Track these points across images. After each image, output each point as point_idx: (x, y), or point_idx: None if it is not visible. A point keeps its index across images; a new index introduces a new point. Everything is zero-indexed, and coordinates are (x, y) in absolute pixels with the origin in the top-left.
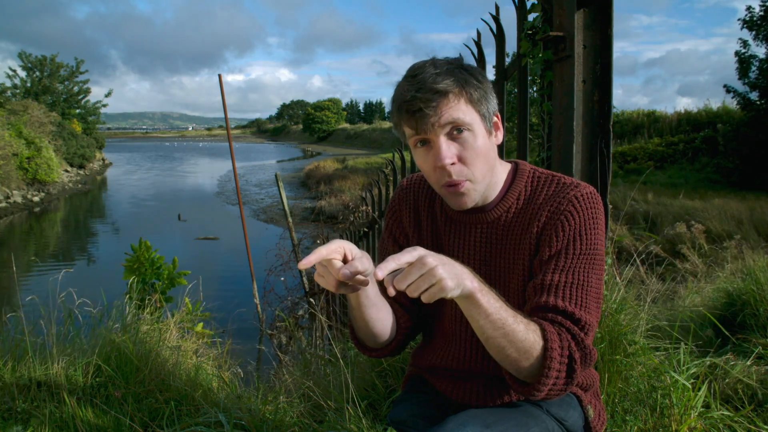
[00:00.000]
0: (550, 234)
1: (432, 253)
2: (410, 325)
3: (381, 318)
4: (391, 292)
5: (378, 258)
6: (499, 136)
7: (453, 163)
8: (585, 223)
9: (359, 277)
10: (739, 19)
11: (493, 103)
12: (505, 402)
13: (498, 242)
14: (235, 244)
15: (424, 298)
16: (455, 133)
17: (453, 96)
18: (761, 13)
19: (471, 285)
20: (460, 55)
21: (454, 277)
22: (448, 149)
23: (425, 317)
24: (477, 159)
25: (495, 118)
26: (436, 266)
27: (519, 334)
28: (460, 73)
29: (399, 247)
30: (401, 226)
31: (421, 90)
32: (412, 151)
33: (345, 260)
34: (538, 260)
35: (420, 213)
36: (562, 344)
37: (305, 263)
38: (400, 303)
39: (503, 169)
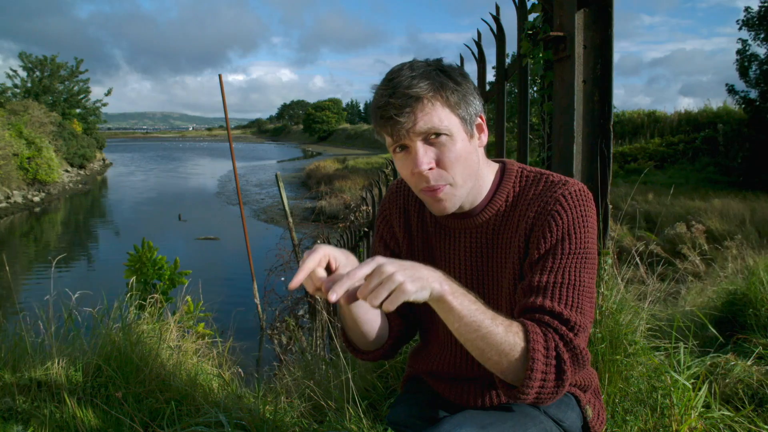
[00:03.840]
0: (538, 235)
1: (391, 260)
2: (402, 329)
3: (369, 319)
4: (342, 301)
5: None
6: (483, 139)
7: (431, 169)
8: (574, 221)
9: None
10: (737, 20)
11: (476, 105)
12: (503, 403)
13: (488, 245)
14: (235, 244)
15: (385, 306)
16: (432, 137)
17: (427, 100)
18: (761, 13)
19: (440, 288)
20: (460, 56)
21: (416, 280)
22: (425, 155)
23: (420, 321)
24: (456, 163)
25: (479, 120)
26: (394, 272)
27: (497, 336)
28: (437, 76)
29: (390, 253)
30: (392, 230)
31: (395, 95)
32: (392, 156)
33: (329, 267)
34: (528, 262)
35: (410, 217)
36: (548, 345)
37: (295, 283)
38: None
39: (491, 170)
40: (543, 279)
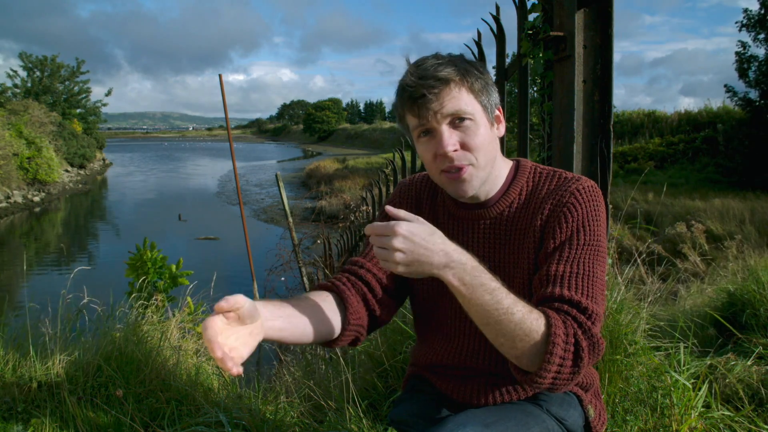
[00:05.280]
0: (554, 226)
1: (411, 233)
2: (364, 322)
3: (297, 337)
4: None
5: (365, 243)
6: (501, 129)
7: (455, 150)
8: (588, 214)
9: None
10: (736, 22)
11: (495, 96)
12: (506, 401)
13: (501, 237)
14: (235, 244)
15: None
16: (457, 122)
17: (454, 84)
18: (760, 14)
19: (441, 273)
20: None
21: (411, 264)
22: (450, 137)
23: (423, 316)
24: (480, 146)
25: (497, 111)
26: (396, 250)
27: (521, 323)
28: (461, 64)
29: None
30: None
31: (424, 77)
32: (415, 142)
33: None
34: (543, 252)
35: (422, 209)
36: (567, 331)
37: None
38: (369, 300)
39: (505, 165)
40: (559, 269)
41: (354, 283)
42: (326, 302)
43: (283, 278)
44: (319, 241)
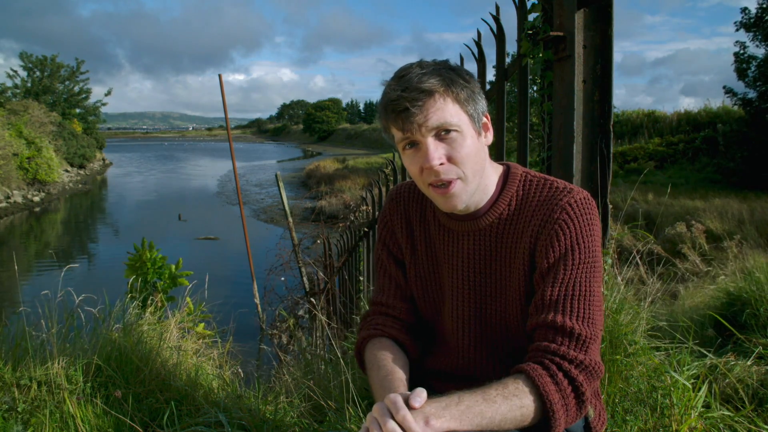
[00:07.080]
0: (546, 244)
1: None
2: (415, 352)
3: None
4: None
5: (375, 266)
6: (489, 137)
7: (441, 164)
8: (581, 230)
9: None
10: (735, 22)
11: (482, 104)
12: None
13: (492, 250)
14: (235, 244)
15: None
16: (443, 133)
17: (439, 95)
18: (758, 14)
19: None
20: (461, 56)
21: None
22: (435, 150)
23: (426, 323)
24: (467, 159)
25: (484, 119)
26: None
27: (510, 411)
28: (446, 73)
29: (394, 259)
30: (394, 237)
31: (407, 90)
32: (400, 153)
33: None
34: (538, 273)
35: (412, 223)
36: (556, 380)
37: None
38: (407, 323)
39: (494, 172)
40: (555, 292)
41: (393, 324)
42: (395, 351)
43: (283, 278)
44: (319, 241)
